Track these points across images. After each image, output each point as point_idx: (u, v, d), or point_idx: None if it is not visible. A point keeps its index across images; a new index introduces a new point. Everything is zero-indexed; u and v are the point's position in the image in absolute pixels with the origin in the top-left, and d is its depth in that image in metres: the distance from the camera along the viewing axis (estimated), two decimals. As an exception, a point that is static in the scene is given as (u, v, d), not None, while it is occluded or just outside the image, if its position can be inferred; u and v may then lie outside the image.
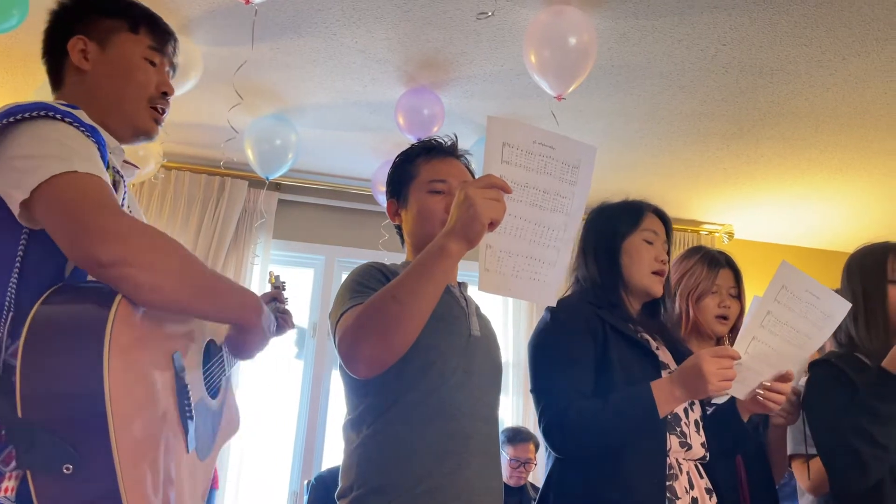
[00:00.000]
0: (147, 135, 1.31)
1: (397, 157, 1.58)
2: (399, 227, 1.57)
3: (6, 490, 0.93)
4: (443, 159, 1.52)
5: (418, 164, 1.51)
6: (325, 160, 4.03)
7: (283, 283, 1.87)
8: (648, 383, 1.49)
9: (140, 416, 1.00)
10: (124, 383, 0.96)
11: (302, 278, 4.29)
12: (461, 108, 3.38)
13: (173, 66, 1.37)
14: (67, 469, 0.90)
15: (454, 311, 1.43)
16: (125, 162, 1.30)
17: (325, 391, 4.02)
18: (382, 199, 3.73)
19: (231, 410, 1.42)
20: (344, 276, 1.47)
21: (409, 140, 3.15)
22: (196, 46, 2.91)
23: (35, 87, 3.24)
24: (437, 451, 1.30)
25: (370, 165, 3.90)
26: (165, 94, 1.32)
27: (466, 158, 1.57)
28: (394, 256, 3.63)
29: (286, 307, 1.82)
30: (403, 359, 1.26)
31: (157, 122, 1.32)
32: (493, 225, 1.18)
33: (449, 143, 1.55)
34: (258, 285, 3.92)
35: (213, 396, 1.32)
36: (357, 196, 4.20)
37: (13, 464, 0.94)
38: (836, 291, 1.64)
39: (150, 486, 1.00)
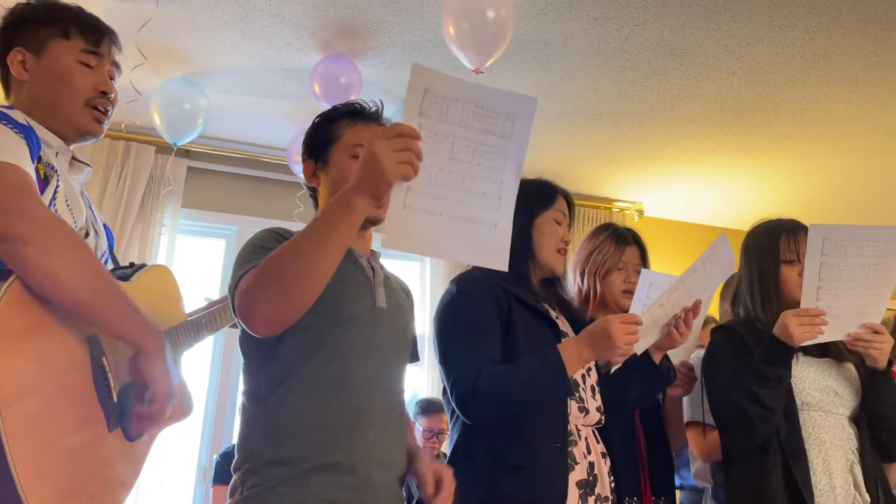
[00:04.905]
0: (91, 134, 1.36)
1: (318, 117, 1.52)
2: (314, 191, 1.51)
3: None
4: (368, 125, 1.46)
5: (342, 127, 1.46)
6: (238, 127, 3.90)
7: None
8: (555, 346, 1.55)
9: (34, 393, 1.02)
10: (14, 362, 0.99)
11: (212, 249, 4.16)
12: (379, 77, 3.33)
13: (116, 65, 1.41)
14: None
15: (358, 280, 1.40)
16: (74, 159, 1.36)
17: (236, 365, 3.93)
18: (298, 168, 3.64)
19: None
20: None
21: (325, 109, 3.08)
22: (96, 0, 2.74)
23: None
24: (333, 424, 1.28)
25: (285, 134, 3.80)
26: (105, 94, 1.36)
27: None
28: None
29: None
30: (300, 329, 1.24)
31: (100, 121, 1.36)
32: (406, 179, 1.15)
33: (374, 108, 1.50)
34: (165, 256, 3.78)
35: None
36: (271, 165, 4.09)
37: None
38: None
39: (49, 460, 1.03)
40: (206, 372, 3.96)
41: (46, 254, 1.04)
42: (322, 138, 1.48)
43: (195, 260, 4.13)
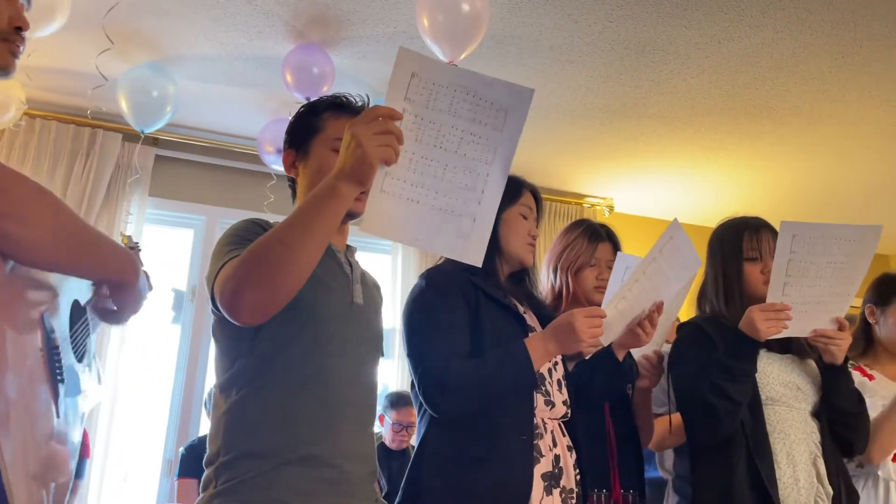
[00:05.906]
0: (4, 70, 1.23)
1: (302, 107, 1.50)
2: (293, 181, 1.50)
3: None
4: (352, 118, 1.45)
5: (325, 119, 1.44)
6: (207, 116, 3.84)
7: (137, 243, 1.81)
8: (522, 340, 1.56)
9: (11, 380, 0.97)
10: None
11: (181, 239, 4.10)
12: (352, 68, 3.30)
13: None
14: None
15: (337, 276, 1.39)
16: None
17: (203, 357, 3.89)
18: (269, 159, 3.60)
19: (94, 376, 1.37)
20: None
21: (297, 98, 3.05)
22: (62, -17, 2.67)
23: None
24: (310, 418, 1.27)
25: (255, 123, 3.75)
26: (20, 30, 1.23)
27: None
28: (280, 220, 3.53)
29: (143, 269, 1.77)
30: (278, 322, 1.22)
31: (15, 55, 1.23)
32: (388, 162, 1.15)
33: (360, 102, 1.48)
34: (132, 245, 3.71)
35: (80, 360, 1.27)
36: (241, 155, 4.04)
37: None
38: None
39: (26, 451, 0.98)
40: (173, 364, 3.91)
41: (22, 223, 0.97)
42: (304, 129, 1.46)
43: (163, 250, 4.07)
